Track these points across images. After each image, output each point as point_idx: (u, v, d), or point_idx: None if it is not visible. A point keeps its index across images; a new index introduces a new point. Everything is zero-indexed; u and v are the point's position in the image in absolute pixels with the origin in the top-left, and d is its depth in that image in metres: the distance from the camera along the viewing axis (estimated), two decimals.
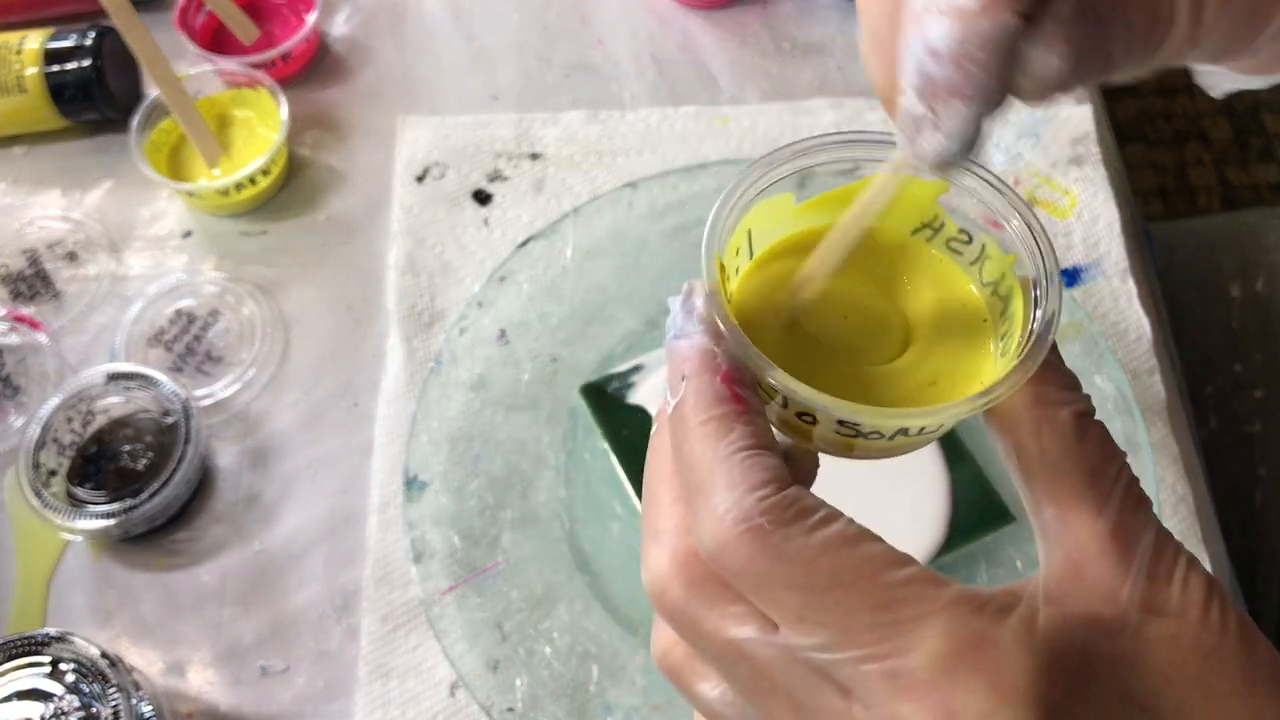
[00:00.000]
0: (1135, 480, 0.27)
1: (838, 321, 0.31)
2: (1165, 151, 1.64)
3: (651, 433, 0.30)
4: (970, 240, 0.32)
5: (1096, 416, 0.28)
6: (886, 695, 0.24)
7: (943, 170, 0.27)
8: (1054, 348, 0.28)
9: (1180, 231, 0.85)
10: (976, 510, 0.54)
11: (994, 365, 0.30)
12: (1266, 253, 0.81)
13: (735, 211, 0.30)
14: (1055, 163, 0.68)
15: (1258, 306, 0.80)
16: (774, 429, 0.28)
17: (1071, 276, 0.64)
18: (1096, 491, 0.26)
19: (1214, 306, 0.81)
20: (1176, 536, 0.27)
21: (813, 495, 0.26)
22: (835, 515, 0.25)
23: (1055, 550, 0.26)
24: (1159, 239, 0.84)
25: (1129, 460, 0.28)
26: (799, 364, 0.29)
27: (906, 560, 0.25)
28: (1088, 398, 0.28)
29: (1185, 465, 0.58)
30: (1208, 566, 0.55)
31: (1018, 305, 0.30)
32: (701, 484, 0.26)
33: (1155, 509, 0.27)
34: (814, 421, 0.29)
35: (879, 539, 0.25)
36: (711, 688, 0.28)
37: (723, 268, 0.29)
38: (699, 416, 0.27)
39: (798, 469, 0.30)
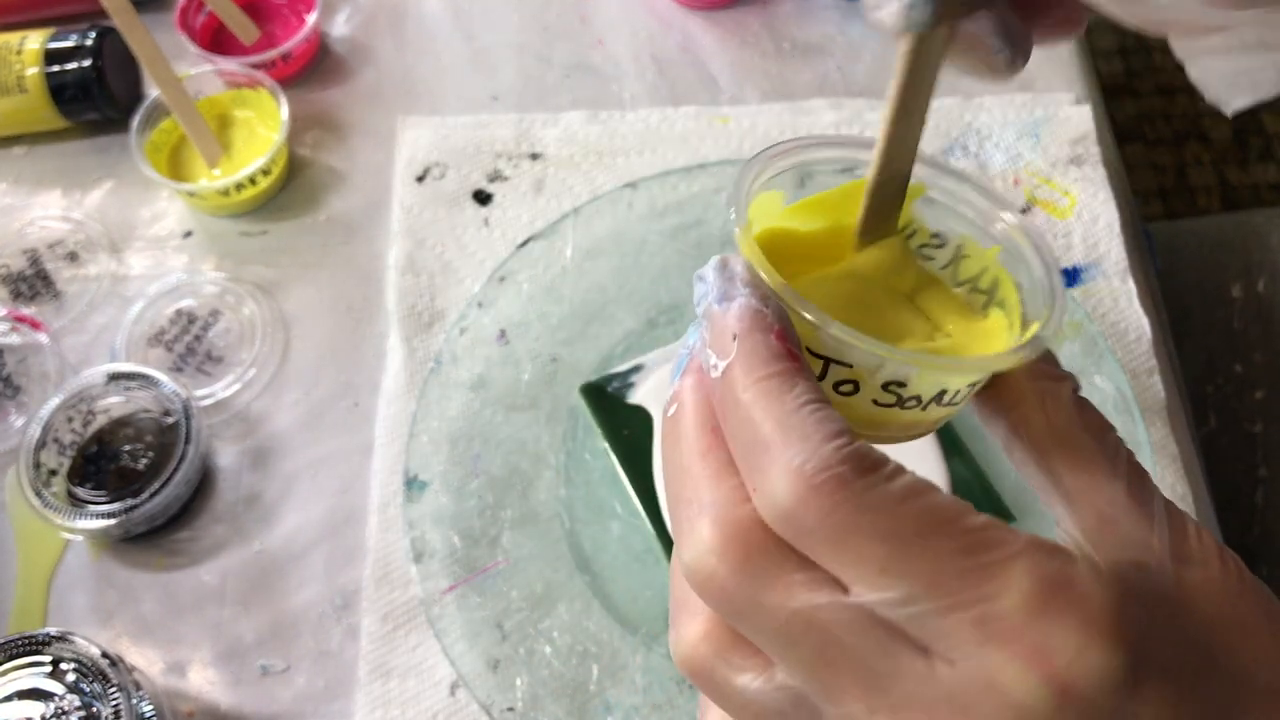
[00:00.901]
0: (1131, 453, 0.28)
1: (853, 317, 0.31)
2: (1165, 151, 1.64)
3: (666, 415, 0.29)
4: (944, 244, 0.32)
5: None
6: (976, 644, 0.23)
7: (908, 30, 0.27)
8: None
9: (1183, 231, 0.85)
10: (976, 509, 0.54)
11: (1007, 344, 0.30)
12: (1269, 253, 0.81)
13: (759, 182, 0.30)
14: (1055, 163, 0.68)
15: (1259, 307, 0.80)
16: None
17: (1071, 276, 0.64)
18: (1106, 457, 0.27)
19: (1215, 307, 0.81)
20: None
21: (877, 449, 0.25)
22: (902, 468, 0.25)
23: (1085, 509, 0.26)
24: (1161, 239, 0.84)
25: None
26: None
27: (973, 509, 0.25)
28: (1073, 376, 0.29)
29: (1185, 465, 0.58)
30: None
31: (1007, 291, 0.30)
32: (769, 441, 0.25)
33: None
34: (854, 391, 0.28)
35: (941, 489, 0.25)
36: (753, 679, 0.26)
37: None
38: (757, 374, 0.26)
39: None
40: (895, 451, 0.31)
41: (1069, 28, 0.30)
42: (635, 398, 0.57)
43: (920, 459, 0.55)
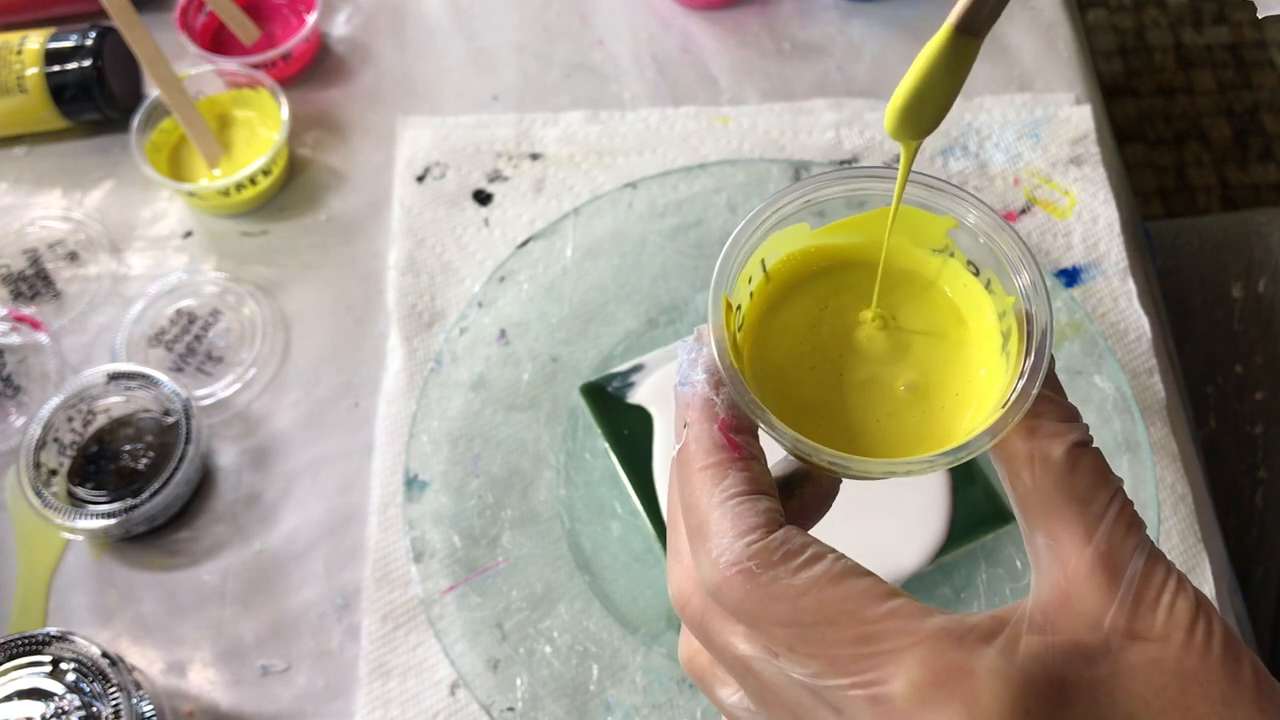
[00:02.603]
0: (1129, 505, 0.28)
1: (853, 350, 0.32)
2: (1165, 151, 1.64)
3: (671, 460, 0.32)
4: (977, 273, 0.32)
5: (1094, 441, 0.29)
6: (872, 718, 0.26)
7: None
8: (1054, 379, 0.29)
9: (1183, 231, 0.85)
10: (976, 510, 0.54)
11: (1001, 397, 0.30)
12: (1270, 253, 0.81)
13: (745, 250, 0.31)
14: (1055, 163, 0.68)
15: (1260, 308, 0.80)
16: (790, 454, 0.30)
17: (1071, 276, 0.64)
18: (1086, 520, 0.27)
19: (1216, 307, 0.81)
20: (1176, 536, 0.27)
21: (803, 535, 0.28)
22: (822, 554, 0.27)
23: (1044, 578, 0.28)
24: (1163, 239, 0.84)
25: (1128, 459, 0.28)
26: (815, 394, 0.30)
27: (891, 594, 0.26)
28: (1085, 427, 0.29)
29: (1184, 464, 0.58)
30: (1207, 566, 0.55)
31: (1014, 345, 0.30)
32: (700, 526, 0.28)
33: (1154, 510, 0.28)
34: (811, 455, 0.30)
35: (866, 573, 0.27)
36: (731, 693, 0.31)
37: (729, 307, 0.30)
38: (698, 463, 0.29)
39: (817, 488, 0.32)
40: None
41: None
42: (635, 398, 0.57)
43: None
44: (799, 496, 0.31)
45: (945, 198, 0.31)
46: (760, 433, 0.30)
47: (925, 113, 0.29)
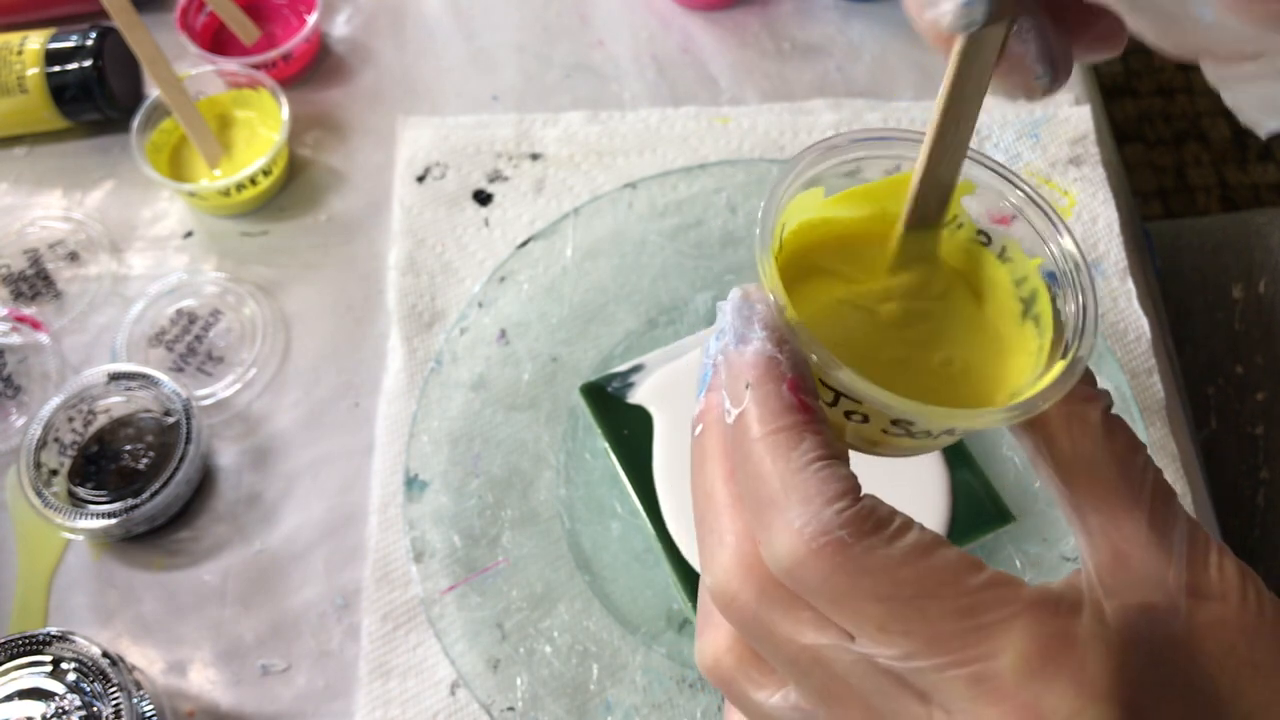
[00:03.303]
0: (1160, 471, 0.28)
1: (886, 312, 0.31)
2: (1164, 152, 1.64)
3: (694, 433, 0.29)
4: (989, 242, 0.31)
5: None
6: (971, 700, 0.24)
7: (967, 29, 0.26)
8: None
9: (1183, 231, 0.85)
10: (976, 510, 0.54)
11: (1033, 363, 0.30)
12: (1270, 254, 0.81)
13: (782, 208, 0.29)
14: (1054, 163, 0.68)
15: (1260, 308, 0.80)
16: None
17: None
18: (1129, 485, 0.27)
19: (1216, 308, 0.81)
20: None
21: (885, 503, 0.26)
22: (910, 523, 0.25)
23: (1101, 544, 0.27)
24: (1162, 239, 0.84)
25: None
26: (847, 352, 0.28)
27: (980, 564, 0.25)
28: (1107, 393, 0.28)
29: (1184, 464, 0.58)
30: None
31: (1043, 307, 0.29)
32: (774, 498, 0.25)
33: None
34: (864, 421, 0.28)
35: (950, 544, 0.25)
36: (770, 695, 0.28)
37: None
38: (766, 427, 0.26)
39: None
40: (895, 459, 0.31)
41: (1108, 46, 0.28)
42: (635, 397, 0.57)
43: (920, 459, 0.55)
44: None
45: (974, 167, 0.30)
46: None
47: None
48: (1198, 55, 0.26)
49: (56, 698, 0.47)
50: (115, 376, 0.58)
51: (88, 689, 0.47)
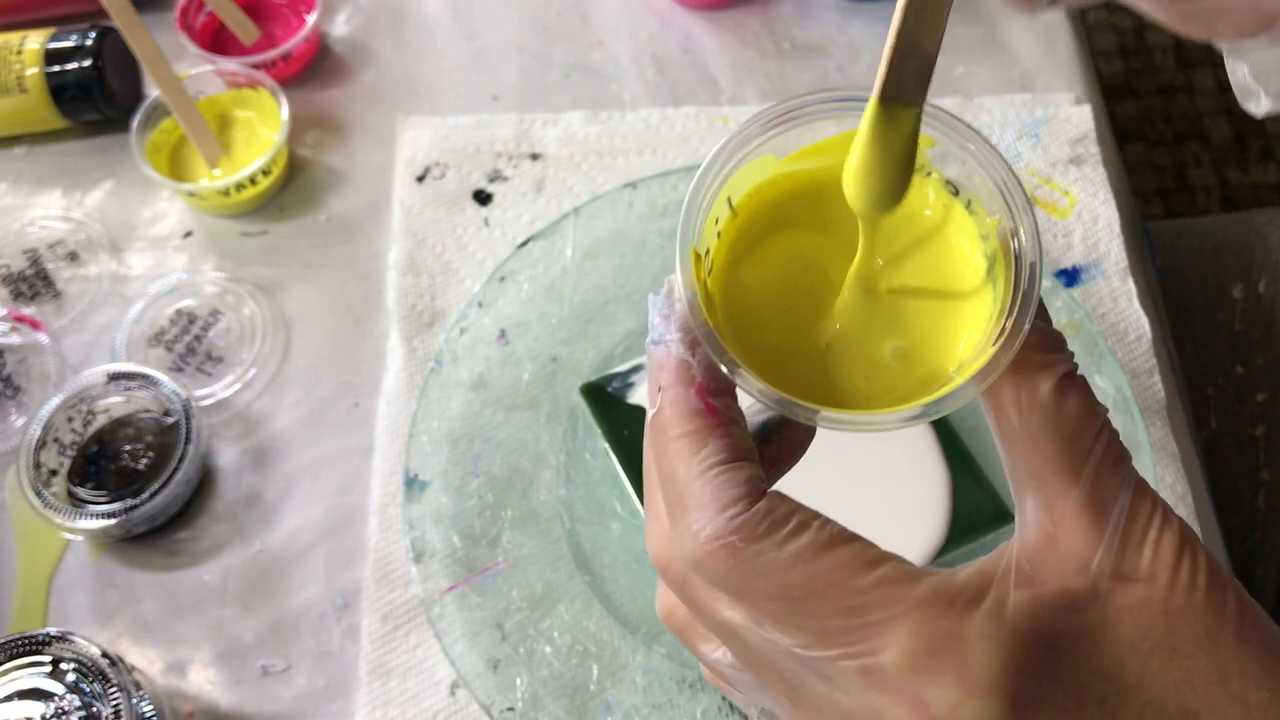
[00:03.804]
0: (1115, 437, 0.27)
1: (824, 290, 0.31)
2: (1165, 152, 1.64)
3: (645, 421, 0.30)
4: (957, 193, 0.31)
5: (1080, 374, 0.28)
6: (863, 689, 0.25)
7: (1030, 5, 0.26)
8: (1041, 307, 0.27)
9: (1184, 232, 0.85)
10: (976, 510, 0.54)
11: (985, 331, 0.29)
12: (1270, 254, 0.80)
13: (710, 193, 0.29)
14: (1055, 163, 0.68)
15: (1260, 309, 0.79)
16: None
17: (1071, 276, 0.64)
18: (1073, 458, 0.26)
19: (1216, 308, 0.81)
20: None
21: (787, 502, 0.27)
22: (807, 522, 0.26)
23: (1030, 522, 0.27)
24: (1162, 239, 0.84)
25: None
26: (792, 336, 0.28)
27: (880, 560, 0.26)
28: (1070, 356, 0.28)
29: (1184, 464, 0.58)
30: None
31: (1002, 268, 0.29)
32: (679, 498, 0.27)
33: None
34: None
35: (854, 538, 0.26)
36: (713, 650, 0.30)
37: (698, 257, 0.29)
38: (675, 430, 0.28)
39: (794, 432, 0.31)
40: (894, 450, 0.31)
41: None
42: (635, 398, 0.57)
43: (920, 459, 0.55)
44: (776, 442, 0.30)
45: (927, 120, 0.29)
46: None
47: (877, 186, 0.28)
48: (1206, 29, 0.26)
49: (56, 698, 0.47)
50: (115, 376, 0.58)
51: (87, 689, 0.47)
